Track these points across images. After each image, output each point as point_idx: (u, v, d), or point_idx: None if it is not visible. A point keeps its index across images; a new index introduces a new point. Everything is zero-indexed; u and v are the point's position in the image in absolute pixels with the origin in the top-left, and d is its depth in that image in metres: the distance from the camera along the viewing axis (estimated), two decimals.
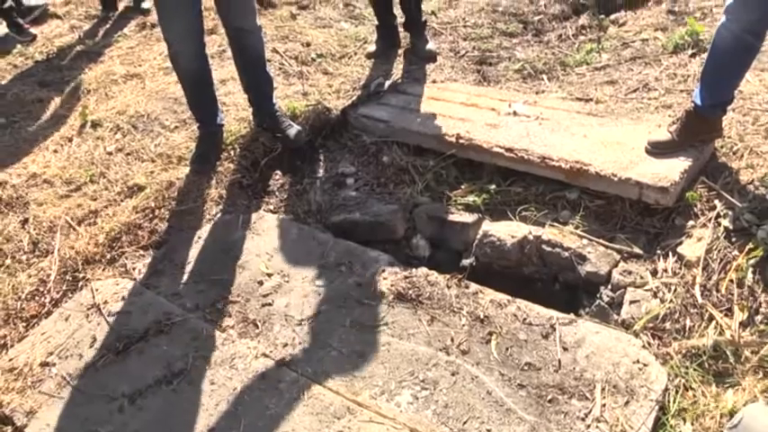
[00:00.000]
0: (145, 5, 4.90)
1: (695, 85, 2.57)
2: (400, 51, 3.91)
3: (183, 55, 2.74)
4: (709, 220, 2.32)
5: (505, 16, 4.34)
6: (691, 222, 2.38)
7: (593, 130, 2.82)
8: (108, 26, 4.76)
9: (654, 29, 3.88)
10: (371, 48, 3.90)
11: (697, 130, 2.55)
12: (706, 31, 3.42)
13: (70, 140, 3.31)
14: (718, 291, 2.09)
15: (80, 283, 2.51)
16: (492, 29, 4.18)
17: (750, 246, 2.14)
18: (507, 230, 2.56)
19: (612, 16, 4.27)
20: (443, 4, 4.51)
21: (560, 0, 4.53)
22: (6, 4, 4.51)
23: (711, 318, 2.04)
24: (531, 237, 2.50)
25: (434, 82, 3.55)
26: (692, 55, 3.37)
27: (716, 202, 2.39)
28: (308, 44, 4.00)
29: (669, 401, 1.86)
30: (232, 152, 3.07)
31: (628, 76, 3.36)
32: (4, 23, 4.60)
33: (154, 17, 4.70)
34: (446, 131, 2.95)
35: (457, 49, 3.94)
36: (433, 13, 4.38)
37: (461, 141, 2.88)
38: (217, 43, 4.01)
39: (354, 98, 3.42)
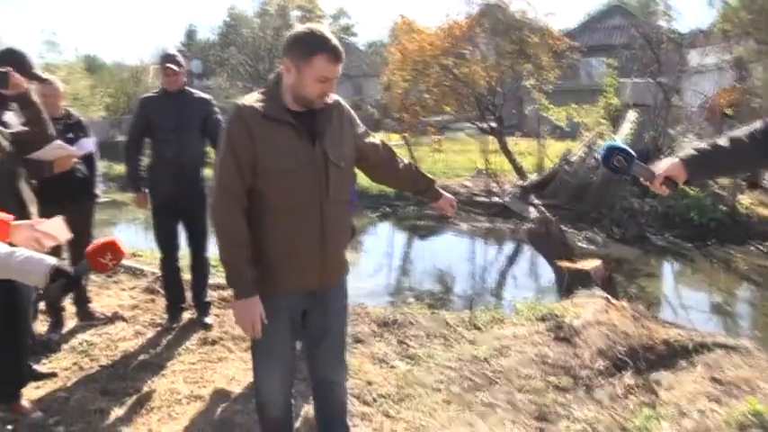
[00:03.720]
0: (207, 320, 5.13)
1: None
2: None
3: (272, 405, 2.72)
4: None
5: (555, 369, 4.50)
6: None
7: None
8: (171, 337, 4.94)
9: (706, 398, 3.99)
10: None
11: None
12: None
13: None
14: None
15: None
16: (544, 382, 4.31)
17: None
18: None
19: (653, 377, 4.45)
20: (494, 351, 4.71)
21: (601, 355, 4.76)
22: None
23: None
24: None
25: None
26: None
27: None
28: (370, 383, 4.10)
29: None
30: None
31: None
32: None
33: (215, 332, 4.94)
34: None
35: (514, 402, 4.02)
36: (485, 360, 4.57)
37: None
38: None
39: None
